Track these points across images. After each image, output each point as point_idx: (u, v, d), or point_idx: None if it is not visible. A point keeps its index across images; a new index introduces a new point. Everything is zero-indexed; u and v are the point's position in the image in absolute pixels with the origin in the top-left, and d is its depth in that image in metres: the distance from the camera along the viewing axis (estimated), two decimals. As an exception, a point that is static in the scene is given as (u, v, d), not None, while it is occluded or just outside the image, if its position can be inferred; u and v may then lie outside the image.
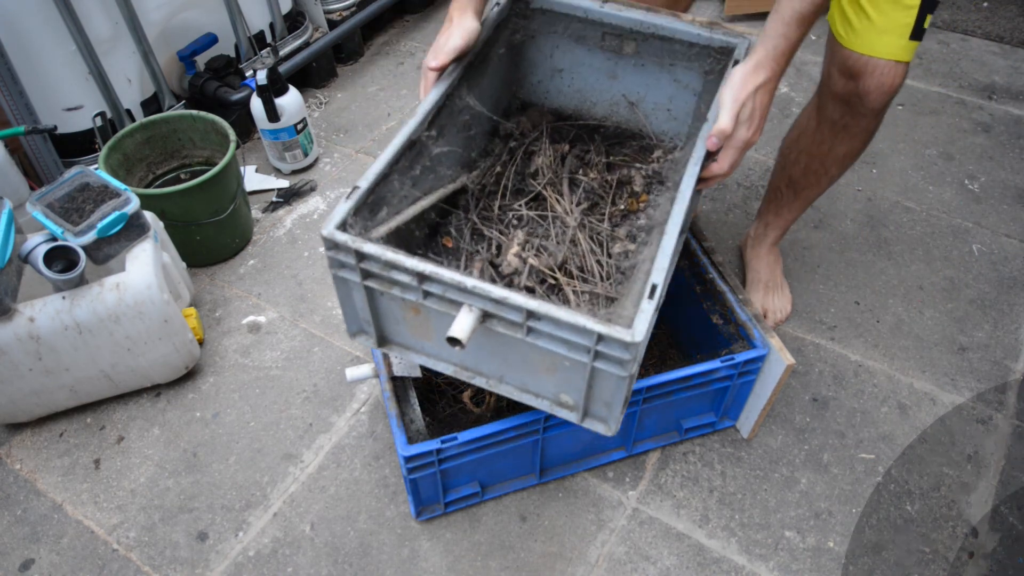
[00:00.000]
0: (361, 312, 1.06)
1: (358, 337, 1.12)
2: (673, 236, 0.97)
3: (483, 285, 0.91)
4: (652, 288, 0.91)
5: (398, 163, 1.06)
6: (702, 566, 1.29)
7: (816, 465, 1.42)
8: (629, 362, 0.90)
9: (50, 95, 1.76)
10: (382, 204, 1.05)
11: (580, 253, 1.17)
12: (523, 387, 1.06)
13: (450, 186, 1.22)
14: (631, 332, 0.88)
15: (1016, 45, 2.51)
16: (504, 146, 1.33)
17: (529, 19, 1.30)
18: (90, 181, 1.38)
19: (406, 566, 1.29)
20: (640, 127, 1.38)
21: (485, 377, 1.08)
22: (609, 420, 1.03)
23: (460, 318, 0.92)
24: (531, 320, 0.92)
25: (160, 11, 1.91)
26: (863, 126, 1.33)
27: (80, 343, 1.37)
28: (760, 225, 1.68)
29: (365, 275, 0.99)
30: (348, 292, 1.04)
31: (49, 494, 1.40)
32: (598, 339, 0.89)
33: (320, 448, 1.45)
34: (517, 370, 1.04)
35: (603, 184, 1.30)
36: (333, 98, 2.32)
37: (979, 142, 2.13)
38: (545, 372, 1.01)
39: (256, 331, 1.66)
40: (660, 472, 1.41)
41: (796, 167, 1.48)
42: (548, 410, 1.06)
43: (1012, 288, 1.74)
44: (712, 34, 1.22)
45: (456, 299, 0.94)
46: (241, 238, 1.83)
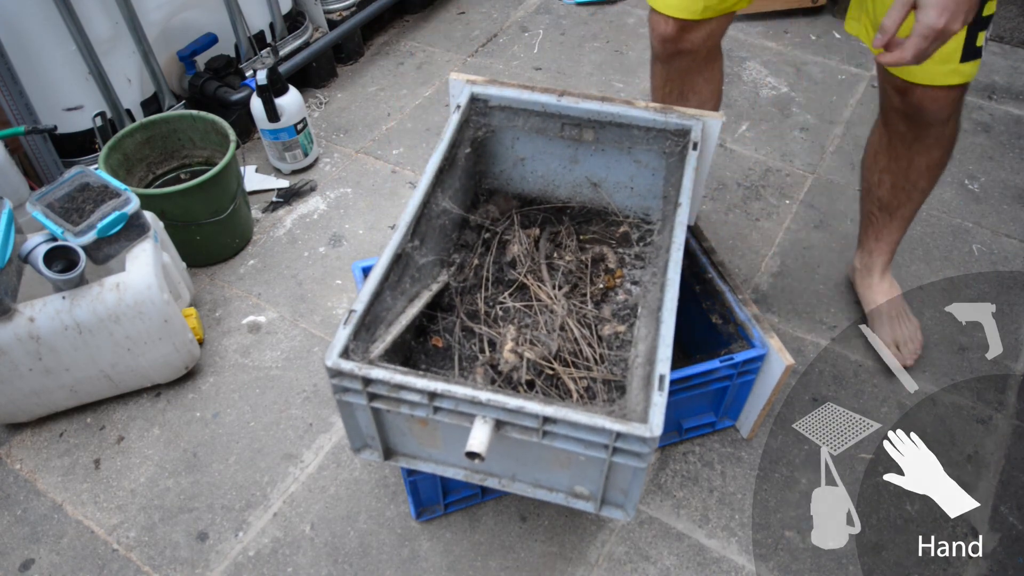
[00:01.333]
0: (366, 429, 1.05)
1: (362, 452, 1.10)
2: (670, 325, 0.99)
3: (497, 397, 0.91)
4: (661, 379, 0.93)
5: (388, 279, 1.08)
6: (702, 566, 1.29)
7: (816, 465, 1.42)
8: (648, 454, 0.92)
9: (50, 95, 1.76)
10: (378, 322, 1.06)
11: (572, 339, 1.20)
12: (536, 483, 1.06)
13: (434, 287, 1.24)
14: (648, 427, 0.89)
15: (1016, 45, 2.51)
16: (478, 237, 1.37)
17: (489, 116, 1.35)
18: (90, 181, 1.38)
19: (406, 566, 1.29)
20: (604, 205, 1.42)
21: (497, 478, 1.08)
22: (627, 506, 1.03)
23: (476, 431, 0.92)
24: (547, 425, 0.92)
25: (160, 11, 1.91)
26: (935, 135, 1.28)
27: (80, 343, 1.37)
28: (864, 254, 1.60)
29: (371, 397, 0.98)
30: (351, 413, 1.03)
31: (49, 494, 1.40)
32: (616, 436, 0.90)
33: (320, 448, 1.45)
34: (530, 468, 1.04)
35: (579, 265, 1.33)
36: (333, 98, 2.32)
37: (979, 142, 2.12)
38: (559, 468, 1.01)
39: (256, 331, 1.66)
40: (660, 472, 1.41)
41: (882, 188, 1.43)
42: (563, 503, 1.06)
43: (1012, 288, 1.74)
44: (667, 117, 1.26)
45: (468, 412, 0.94)
46: (241, 238, 1.83)
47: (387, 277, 1.07)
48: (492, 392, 0.92)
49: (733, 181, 2.00)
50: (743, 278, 1.75)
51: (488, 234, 1.37)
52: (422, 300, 1.19)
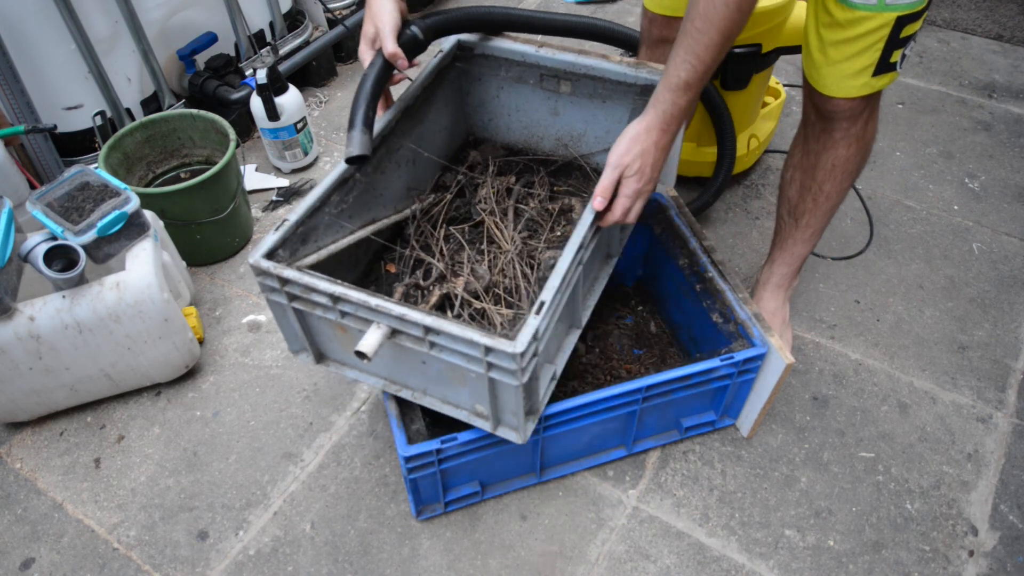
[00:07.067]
0: (298, 332, 1.16)
1: (300, 355, 1.23)
2: (567, 259, 1.05)
3: (385, 304, 1.00)
4: (541, 304, 1.00)
5: (329, 199, 1.16)
6: (702, 565, 1.29)
7: (816, 464, 1.42)
8: (518, 372, 0.98)
9: (50, 94, 1.76)
10: (312, 235, 1.15)
11: (512, 276, 1.24)
12: (444, 399, 1.15)
13: (394, 217, 1.32)
14: (514, 344, 0.95)
15: (1016, 43, 2.50)
16: (454, 179, 1.43)
17: (472, 63, 1.41)
18: (90, 180, 1.38)
19: (406, 565, 1.29)
20: (583, 158, 1.46)
21: (411, 390, 1.17)
22: (519, 428, 1.11)
23: (368, 334, 1.02)
24: (431, 335, 1.00)
25: (160, 10, 1.90)
26: (843, 129, 1.30)
27: (80, 342, 1.37)
28: (766, 265, 1.57)
29: (291, 298, 1.09)
30: (283, 314, 1.14)
31: (49, 493, 1.40)
32: (486, 351, 0.97)
33: (320, 447, 1.45)
34: (436, 384, 1.13)
35: (543, 213, 1.36)
36: (333, 97, 2.32)
37: (979, 140, 2.12)
38: (460, 384, 1.09)
39: (256, 330, 1.66)
40: (660, 471, 1.41)
41: (792, 187, 1.44)
42: (467, 420, 1.14)
43: (1012, 287, 1.74)
44: (638, 72, 1.29)
45: (367, 317, 1.03)
46: (241, 237, 1.83)
47: (328, 197, 1.16)
48: (382, 299, 1.00)
49: (734, 180, 2.00)
50: (743, 277, 1.75)
51: (463, 177, 1.43)
52: (374, 227, 1.27)
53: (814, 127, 1.35)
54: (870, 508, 1.36)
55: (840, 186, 1.38)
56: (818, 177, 1.38)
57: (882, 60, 1.19)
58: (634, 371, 1.51)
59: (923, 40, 2.52)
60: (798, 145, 1.41)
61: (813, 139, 1.36)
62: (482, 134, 1.52)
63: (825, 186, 1.38)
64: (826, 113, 1.30)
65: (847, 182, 1.38)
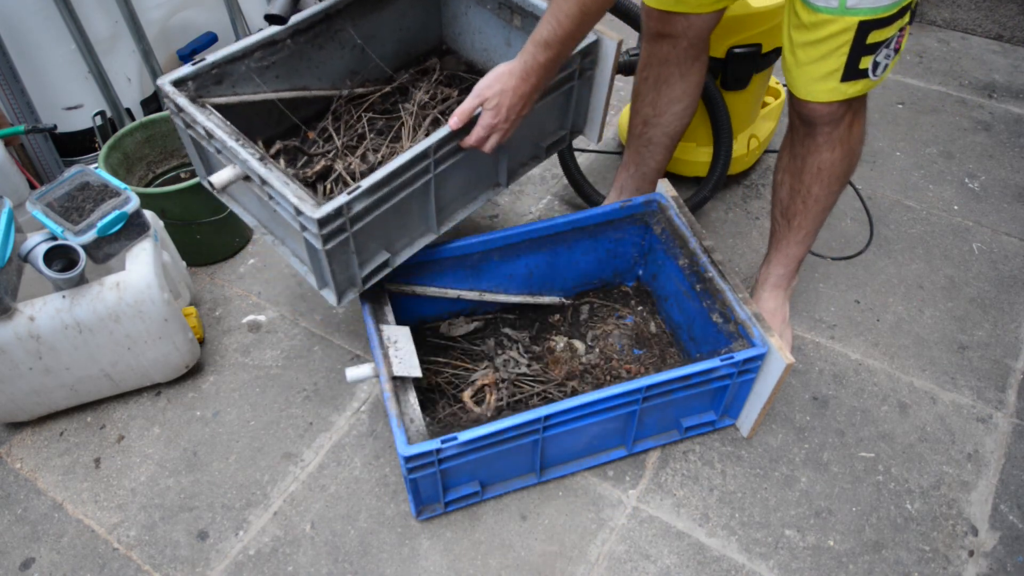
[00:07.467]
0: (201, 161, 1.37)
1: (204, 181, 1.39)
2: (403, 159, 1.16)
3: (236, 147, 1.16)
4: (356, 188, 1.12)
5: (252, 53, 1.32)
6: (702, 564, 1.29)
7: (816, 464, 1.42)
8: (319, 236, 1.12)
9: (50, 94, 1.76)
10: (227, 80, 1.31)
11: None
12: (294, 252, 1.32)
13: (325, 92, 1.49)
14: (317, 210, 1.09)
15: (1016, 43, 2.50)
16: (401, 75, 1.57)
17: None
18: (90, 180, 1.38)
19: (406, 565, 1.29)
20: None
21: (272, 235, 1.35)
22: (332, 292, 1.25)
23: (224, 170, 1.19)
24: (266, 187, 1.16)
25: (160, 10, 1.90)
26: (825, 134, 1.31)
27: (80, 342, 1.37)
28: (764, 265, 1.57)
29: (186, 124, 1.27)
30: (187, 141, 1.34)
31: (49, 493, 1.40)
32: (296, 212, 1.11)
33: (320, 447, 1.45)
34: (288, 236, 1.30)
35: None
36: (333, 97, 2.32)
37: (979, 140, 2.12)
38: (300, 240, 1.21)
39: (256, 330, 1.66)
40: (660, 471, 1.41)
41: (782, 189, 1.45)
42: (305, 276, 1.29)
43: (1012, 287, 1.74)
44: None
45: (228, 157, 1.20)
46: (241, 237, 1.83)
47: (251, 51, 1.32)
48: (240, 145, 1.17)
49: (734, 179, 2.00)
50: (743, 277, 1.75)
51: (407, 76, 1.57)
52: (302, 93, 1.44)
53: (798, 131, 1.35)
54: (870, 508, 1.36)
55: (828, 189, 1.38)
56: (805, 180, 1.38)
57: (849, 65, 1.19)
58: (634, 371, 1.51)
59: (923, 40, 2.52)
60: (786, 148, 1.41)
61: (798, 143, 1.36)
62: (452, 45, 1.65)
63: (813, 189, 1.38)
64: (805, 117, 1.30)
65: (835, 185, 1.38)
